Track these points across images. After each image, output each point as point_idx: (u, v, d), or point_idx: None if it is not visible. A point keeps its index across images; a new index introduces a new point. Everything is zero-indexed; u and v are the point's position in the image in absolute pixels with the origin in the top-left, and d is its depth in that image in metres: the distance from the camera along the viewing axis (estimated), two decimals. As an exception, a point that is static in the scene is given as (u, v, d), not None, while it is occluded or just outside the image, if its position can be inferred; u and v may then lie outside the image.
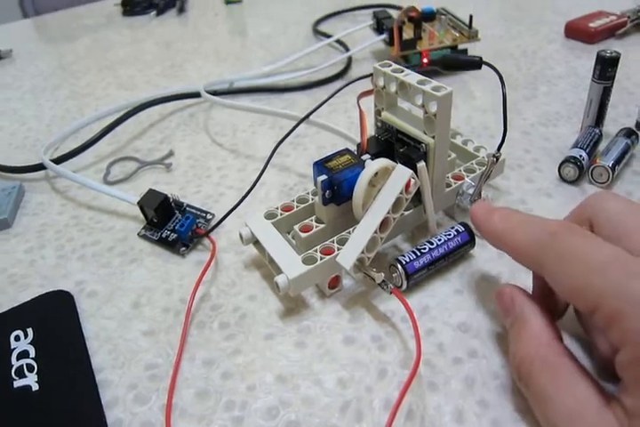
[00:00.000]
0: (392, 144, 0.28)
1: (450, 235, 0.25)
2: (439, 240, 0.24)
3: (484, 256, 0.26)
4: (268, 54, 0.53)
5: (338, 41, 0.52)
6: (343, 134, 0.35)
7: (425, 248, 0.24)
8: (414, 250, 0.24)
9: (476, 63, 0.30)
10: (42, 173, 0.37)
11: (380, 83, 0.27)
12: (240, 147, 0.38)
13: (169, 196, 0.30)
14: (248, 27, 0.64)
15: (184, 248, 0.28)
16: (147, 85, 0.49)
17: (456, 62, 0.32)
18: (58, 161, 0.35)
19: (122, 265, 0.28)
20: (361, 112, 0.28)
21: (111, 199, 0.32)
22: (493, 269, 0.25)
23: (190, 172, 0.35)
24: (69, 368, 0.22)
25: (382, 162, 0.24)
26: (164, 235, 0.29)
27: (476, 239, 0.25)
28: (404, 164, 0.25)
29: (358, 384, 0.20)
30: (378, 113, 0.29)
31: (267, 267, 0.26)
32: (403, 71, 0.26)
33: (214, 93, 0.43)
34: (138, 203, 0.29)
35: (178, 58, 0.55)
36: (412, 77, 0.25)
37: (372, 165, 0.24)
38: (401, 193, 0.24)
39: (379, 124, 0.29)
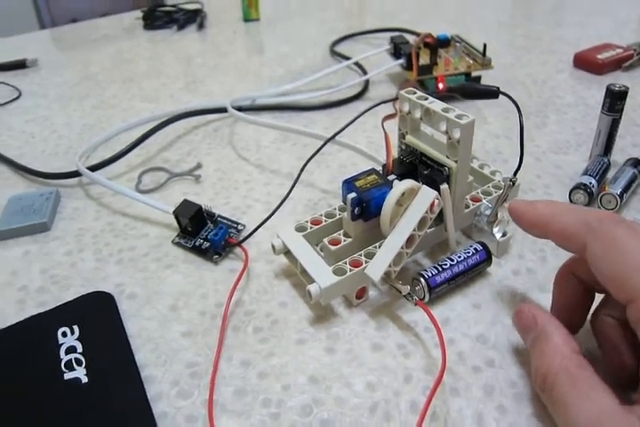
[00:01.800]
0: (415, 166, 0.30)
1: (469, 253, 0.27)
2: (459, 257, 0.27)
3: (500, 274, 0.28)
4: (288, 73, 0.56)
5: (356, 63, 0.55)
6: (364, 153, 0.37)
7: (446, 264, 0.26)
8: (436, 265, 0.27)
9: (494, 93, 0.33)
10: (76, 179, 0.39)
11: (405, 108, 0.30)
12: (264, 162, 0.40)
13: (202, 206, 0.32)
14: (266, 45, 0.67)
15: (217, 256, 0.30)
16: (170, 99, 0.52)
17: (475, 91, 0.34)
18: (93, 169, 0.37)
19: (158, 270, 0.30)
20: (386, 135, 0.30)
21: (144, 207, 0.34)
22: (508, 287, 0.27)
23: (218, 184, 0.38)
24: (116, 363, 0.24)
25: (409, 183, 0.27)
26: (197, 243, 0.31)
27: (493, 258, 0.28)
28: (428, 185, 0.27)
29: (386, 388, 0.22)
30: (402, 136, 0.31)
31: (296, 276, 0.28)
32: (427, 99, 0.29)
33: (238, 109, 0.45)
34: (173, 212, 0.32)
35: (199, 73, 0.58)
36: (436, 105, 0.28)
37: (400, 186, 0.26)
38: (426, 212, 0.26)
39: (402, 146, 0.31)
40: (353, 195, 0.27)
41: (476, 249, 0.27)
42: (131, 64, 0.63)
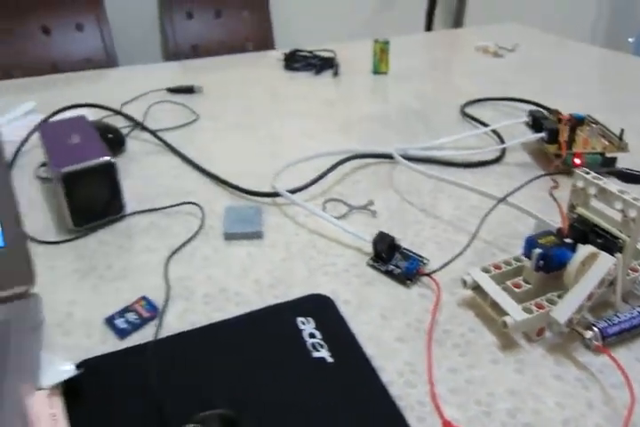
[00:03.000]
0: (585, 233, 0.37)
1: (633, 314, 0.34)
2: (627, 316, 0.33)
3: (652, 334, 0.34)
4: (427, 129, 0.65)
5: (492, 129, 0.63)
6: (529, 213, 0.44)
7: (615, 320, 0.33)
8: (606, 320, 0.33)
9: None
10: (269, 198, 0.48)
11: (580, 184, 0.37)
12: (427, 207, 0.48)
13: (395, 239, 0.40)
14: (393, 97, 0.77)
15: (409, 281, 0.37)
16: (329, 139, 0.61)
17: (634, 177, 0.42)
18: (291, 192, 0.46)
19: (361, 285, 0.37)
20: (560, 205, 0.38)
21: (336, 230, 0.43)
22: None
23: (391, 221, 0.46)
24: (351, 350, 0.31)
25: (592, 248, 0.34)
26: (389, 268, 0.39)
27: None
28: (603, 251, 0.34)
29: (572, 409, 0.29)
30: (572, 207, 0.38)
31: (479, 308, 0.35)
32: (601, 179, 0.36)
33: (391, 157, 0.54)
34: (373, 241, 0.39)
35: (339, 118, 0.67)
36: (611, 186, 0.35)
37: (586, 249, 0.33)
38: (605, 275, 0.33)
39: (574, 215, 0.38)
40: (539, 250, 0.34)
41: (639, 312, 0.34)
42: (283, 101, 0.73)
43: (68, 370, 0.28)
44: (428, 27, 2.06)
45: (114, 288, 0.37)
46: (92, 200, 0.43)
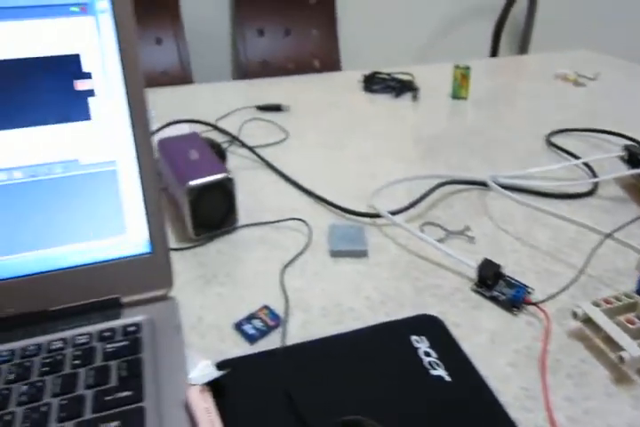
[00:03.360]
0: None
1: None
2: None
3: None
4: (513, 157, 0.66)
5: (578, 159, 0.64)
6: (627, 244, 0.45)
7: None
8: None
9: None
10: (367, 217, 0.51)
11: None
12: (522, 236, 0.49)
13: (500, 267, 0.41)
14: (475, 123, 0.78)
15: (515, 309, 0.39)
16: (420, 162, 0.64)
17: None
18: (392, 213, 0.49)
19: (468, 309, 0.39)
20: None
21: (436, 253, 0.45)
22: None
23: (488, 248, 0.47)
24: (466, 371, 0.33)
25: None
26: (494, 294, 0.40)
27: None
28: None
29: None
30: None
31: (590, 340, 0.36)
32: None
33: (483, 184, 0.56)
34: (478, 267, 0.41)
35: (423, 142, 0.70)
36: None
37: None
38: None
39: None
40: (654, 287, 0.35)
41: None
42: (366, 122, 0.77)
43: (215, 370, 0.31)
44: (494, 51, 2.07)
45: (236, 295, 0.40)
46: (211, 212, 0.47)
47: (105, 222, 0.36)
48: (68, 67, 0.36)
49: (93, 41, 0.36)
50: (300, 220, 0.50)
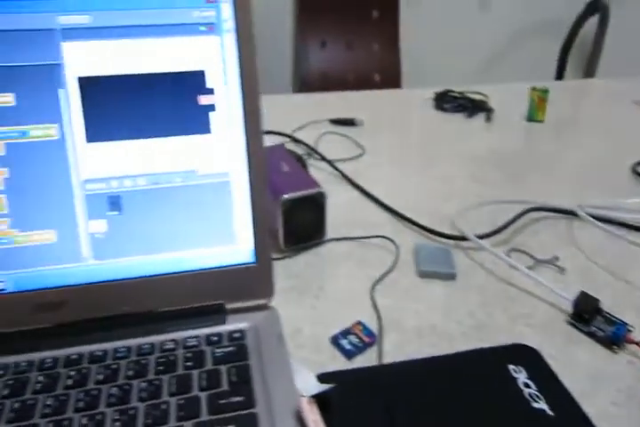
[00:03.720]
0: None
1: None
2: None
3: None
4: (599, 186, 0.64)
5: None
6: None
7: None
8: None
9: None
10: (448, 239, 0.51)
11: None
12: (616, 270, 0.48)
13: (599, 302, 0.41)
14: (554, 147, 0.77)
15: (616, 347, 0.38)
16: (497, 184, 0.63)
17: None
18: (479, 237, 0.49)
19: (564, 342, 0.39)
20: None
21: (526, 281, 0.44)
22: None
23: (579, 279, 0.46)
24: (568, 405, 0.33)
25: None
26: (591, 330, 0.40)
27: None
28: None
29: None
30: None
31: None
32: None
33: (571, 213, 0.55)
34: (575, 300, 0.41)
35: (502, 164, 0.69)
36: None
37: None
38: None
39: None
40: None
41: None
42: (439, 141, 0.77)
43: (317, 382, 0.32)
44: (560, 72, 2.03)
45: (329, 309, 0.42)
46: (302, 225, 0.49)
47: (216, 231, 0.38)
48: (194, 82, 0.38)
49: (217, 59, 0.38)
50: (386, 238, 0.51)
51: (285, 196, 0.47)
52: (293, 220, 0.48)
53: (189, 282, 0.38)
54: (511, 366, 0.35)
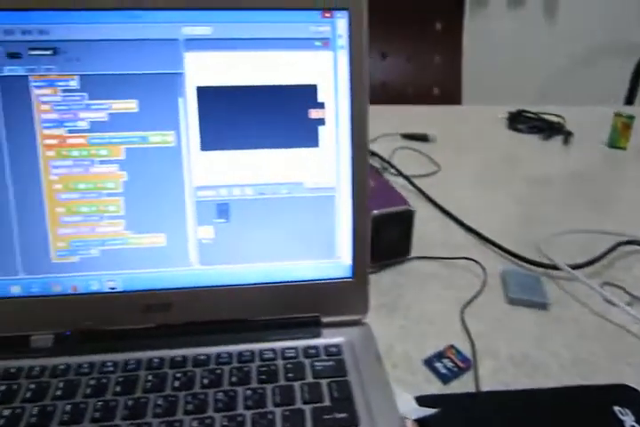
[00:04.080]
0: None
1: None
2: None
3: None
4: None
5: None
6: None
7: None
8: None
9: None
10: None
11: None
12: None
13: None
14: (631, 179, 0.74)
15: None
16: (581, 213, 0.61)
17: None
18: (572, 267, 0.48)
19: (669, 385, 0.37)
20: None
21: (621, 316, 0.43)
22: None
23: (679, 318, 0.45)
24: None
25: None
26: (699, 373, 0.38)
27: None
28: None
29: None
30: None
31: None
32: None
33: None
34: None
35: (585, 192, 0.67)
36: None
37: None
38: None
39: None
40: None
41: None
42: (515, 163, 0.76)
43: (416, 405, 0.32)
44: (630, 96, 1.96)
45: (420, 330, 0.42)
46: (389, 241, 0.49)
47: (317, 244, 0.39)
48: (306, 96, 0.39)
49: (329, 73, 0.39)
50: (473, 260, 0.50)
51: (375, 211, 0.47)
52: (381, 236, 0.48)
53: (287, 292, 0.39)
54: (617, 408, 0.34)
